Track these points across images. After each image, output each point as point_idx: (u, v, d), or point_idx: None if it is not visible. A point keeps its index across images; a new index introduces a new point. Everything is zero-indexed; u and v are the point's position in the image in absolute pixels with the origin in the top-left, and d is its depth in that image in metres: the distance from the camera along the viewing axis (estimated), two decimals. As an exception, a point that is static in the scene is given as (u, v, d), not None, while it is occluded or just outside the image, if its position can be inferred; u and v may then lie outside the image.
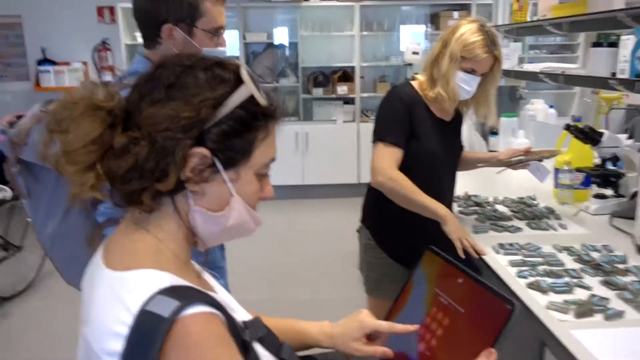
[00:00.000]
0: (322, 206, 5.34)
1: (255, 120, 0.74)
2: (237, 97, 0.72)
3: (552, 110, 3.69)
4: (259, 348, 0.75)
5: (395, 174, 1.76)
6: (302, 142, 5.44)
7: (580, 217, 2.11)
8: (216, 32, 1.36)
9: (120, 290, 0.66)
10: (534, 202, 2.28)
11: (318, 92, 5.53)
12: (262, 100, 0.74)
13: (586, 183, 2.31)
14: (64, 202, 1.18)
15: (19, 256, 3.58)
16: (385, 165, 1.77)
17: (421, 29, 5.71)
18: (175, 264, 0.73)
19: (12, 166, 1.16)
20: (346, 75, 5.60)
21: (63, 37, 5.60)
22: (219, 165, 0.72)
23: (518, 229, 1.96)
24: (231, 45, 5.48)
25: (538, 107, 3.62)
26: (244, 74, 0.73)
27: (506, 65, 3.48)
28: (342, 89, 5.49)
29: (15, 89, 5.70)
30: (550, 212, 2.12)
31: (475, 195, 2.35)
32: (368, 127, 5.42)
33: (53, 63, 5.55)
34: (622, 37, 2.01)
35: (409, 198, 1.76)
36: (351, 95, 5.52)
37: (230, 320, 0.70)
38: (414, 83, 1.91)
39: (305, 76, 5.64)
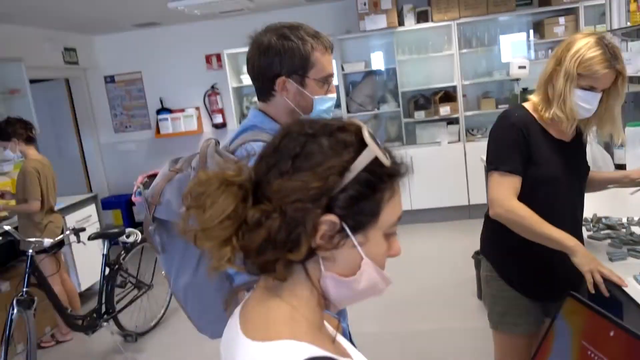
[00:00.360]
0: (433, 231, 5.21)
1: (380, 182, 0.74)
2: (362, 161, 0.72)
3: (687, 114, 3.31)
4: None
5: (514, 204, 1.67)
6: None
7: None
8: (326, 80, 1.40)
9: None
10: (678, 222, 2.04)
11: (420, 115, 5.46)
12: (385, 161, 0.74)
13: None
14: (195, 255, 1.25)
15: (149, 293, 3.86)
16: (502, 195, 1.69)
17: (523, 37, 5.45)
18: (310, 331, 0.73)
19: (150, 225, 1.26)
20: (448, 95, 5.48)
21: (177, 86, 6.08)
22: (348, 231, 0.72)
23: (662, 255, 1.76)
24: (330, 77, 5.60)
25: (669, 112, 3.27)
26: (367, 136, 0.74)
27: (629, 70, 3.22)
28: (444, 110, 5.37)
29: (139, 137, 6.27)
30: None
31: (606, 217, 2.16)
32: (475, 146, 5.34)
33: (170, 111, 6.03)
34: None
35: (531, 230, 1.66)
36: (455, 115, 5.38)
37: None
38: (527, 105, 1.81)
39: (406, 100, 5.60)
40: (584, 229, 2.09)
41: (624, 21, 3.16)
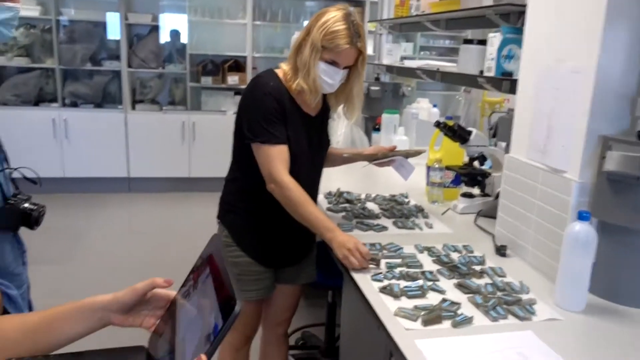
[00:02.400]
0: (210, 200, 5.08)
1: None
2: None
3: (436, 110, 3.72)
4: None
5: (286, 180, 1.64)
6: (189, 132, 5.15)
7: (448, 216, 2.08)
8: None
9: None
10: (405, 200, 2.22)
11: (207, 80, 5.25)
12: None
13: (456, 181, 2.30)
14: None
15: None
16: (276, 170, 1.63)
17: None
18: None
19: None
20: (238, 65, 5.38)
21: None
22: None
23: (384, 228, 1.87)
24: (112, 24, 5.05)
25: (422, 106, 3.63)
26: None
27: (388, 60, 3.47)
28: (233, 79, 5.25)
29: None
30: (419, 211, 2.07)
31: (347, 192, 2.25)
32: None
33: None
34: (490, 35, 1.99)
35: (298, 211, 1.64)
36: (242, 86, 5.30)
37: None
38: (279, 72, 1.75)
39: (194, 63, 5.33)
40: (325, 201, 2.15)
41: (392, 13, 3.38)
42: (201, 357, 0.66)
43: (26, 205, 1.25)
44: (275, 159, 1.65)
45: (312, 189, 1.84)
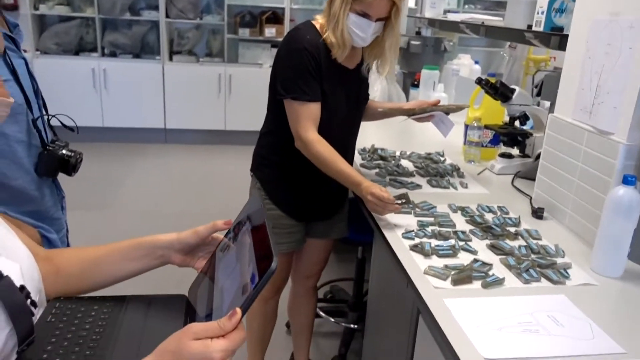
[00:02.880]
0: (244, 153, 5.12)
1: None
2: None
3: (477, 67, 3.58)
4: None
5: (314, 138, 1.62)
6: (225, 85, 5.14)
7: (485, 176, 2.03)
8: None
9: None
10: (441, 158, 2.17)
11: (244, 32, 5.19)
12: None
13: (495, 141, 2.23)
14: None
15: None
16: (304, 128, 1.62)
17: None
18: None
19: None
20: (276, 17, 5.28)
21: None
22: None
23: (417, 186, 1.84)
24: (151, -27, 5.01)
25: (464, 62, 3.50)
26: None
27: (430, 13, 3.34)
28: (270, 31, 5.17)
29: None
30: (455, 170, 2.02)
31: (382, 149, 2.22)
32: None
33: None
34: (540, -14, 1.87)
35: (327, 167, 1.63)
36: (279, 39, 5.22)
37: None
38: (316, 24, 1.70)
39: (232, 14, 5.27)
40: (359, 157, 2.13)
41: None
42: (236, 310, 0.66)
43: (64, 151, 1.27)
44: (303, 117, 1.62)
45: (349, 143, 1.82)
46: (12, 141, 1.15)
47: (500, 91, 1.98)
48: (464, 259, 1.33)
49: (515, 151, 2.14)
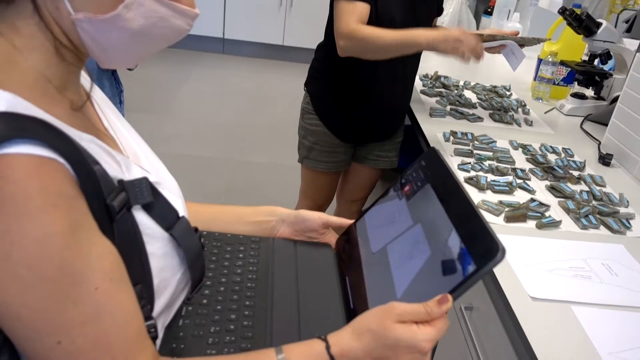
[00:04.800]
0: (300, 70, 5.04)
1: None
2: None
3: (559, -2, 3.31)
4: (141, 216, 0.59)
5: (355, 27, 1.46)
6: (287, -2, 4.98)
7: (552, 116, 1.92)
8: None
9: None
10: (507, 92, 2.06)
11: (312, -58, 4.94)
12: None
13: (568, 79, 2.09)
14: None
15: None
16: (345, 23, 1.48)
17: None
18: (33, 85, 0.53)
19: None
20: None
21: None
22: None
23: (479, 119, 1.76)
24: None
25: (544, -8, 3.23)
26: None
27: None
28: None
29: None
30: (521, 106, 1.91)
31: (445, 77, 2.11)
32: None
33: None
34: None
35: (381, 43, 1.46)
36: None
37: (87, 174, 0.52)
38: None
39: None
40: (420, 83, 2.04)
41: None
42: (447, 296, 0.58)
43: None
44: (347, 13, 1.48)
45: (402, 67, 1.70)
46: None
47: (584, 24, 1.81)
48: (520, 197, 1.28)
49: (589, 92, 1.99)
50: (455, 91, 1.99)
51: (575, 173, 1.43)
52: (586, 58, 2.01)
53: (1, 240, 0.46)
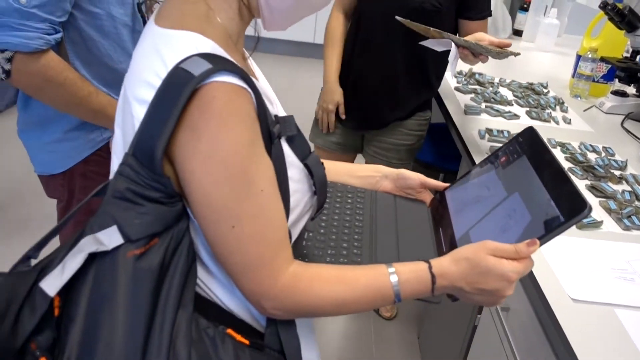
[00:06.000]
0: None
1: None
2: None
3: (598, -7, 3.21)
4: (285, 146, 0.71)
5: (333, 14, 1.83)
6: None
7: (591, 114, 1.86)
8: None
9: (162, 44, 0.65)
10: (544, 89, 2.01)
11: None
12: None
13: (608, 77, 2.02)
14: None
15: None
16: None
17: None
18: (222, 37, 0.67)
19: None
20: None
21: None
22: None
23: (515, 116, 1.72)
24: None
25: (582, -13, 3.15)
26: None
27: None
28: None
29: None
30: (559, 104, 1.87)
31: (480, 74, 2.08)
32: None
33: None
34: None
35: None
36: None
37: (261, 105, 0.66)
38: None
39: None
40: (454, 80, 2.01)
41: None
42: (535, 240, 0.68)
43: None
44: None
45: (399, 66, 1.68)
46: (119, 23, 1.16)
47: (627, 19, 1.75)
48: (559, 196, 1.25)
49: (631, 89, 1.93)
50: (491, 88, 1.96)
51: (617, 172, 1.39)
52: (628, 55, 1.95)
53: (208, 143, 0.60)
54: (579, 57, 2.01)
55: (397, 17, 1.37)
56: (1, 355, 0.61)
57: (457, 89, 1.92)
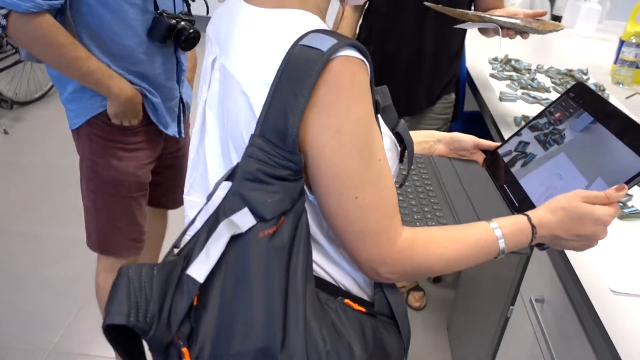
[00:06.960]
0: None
1: None
2: None
3: (643, -23, 3.07)
4: (378, 117, 0.73)
5: None
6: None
7: (634, 102, 1.79)
8: None
9: (270, 24, 0.65)
10: (584, 76, 1.93)
11: None
12: None
13: (653, 63, 1.93)
14: None
15: (35, 65, 3.49)
16: None
17: None
18: (318, 12, 0.69)
19: None
20: None
21: None
22: None
23: (553, 104, 1.66)
24: None
25: (626, -29, 3.01)
26: None
27: None
28: None
29: None
30: (599, 91, 1.79)
31: (516, 60, 2.01)
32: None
33: None
34: None
35: None
36: None
37: (372, 79, 0.67)
38: None
39: None
40: (489, 67, 1.96)
41: None
42: (623, 185, 0.72)
43: (174, 21, 1.27)
44: None
45: (420, 40, 1.64)
46: (123, 1, 1.20)
47: (675, 2, 1.67)
48: (599, 185, 1.20)
49: (677, 76, 1.84)
50: (527, 75, 1.89)
51: (661, 162, 1.33)
52: (675, 39, 1.85)
53: (337, 118, 0.61)
54: (622, 43, 1.93)
55: (426, 3, 1.35)
56: (156, 347, 0.62)
57: (492, 75, 1.87)
